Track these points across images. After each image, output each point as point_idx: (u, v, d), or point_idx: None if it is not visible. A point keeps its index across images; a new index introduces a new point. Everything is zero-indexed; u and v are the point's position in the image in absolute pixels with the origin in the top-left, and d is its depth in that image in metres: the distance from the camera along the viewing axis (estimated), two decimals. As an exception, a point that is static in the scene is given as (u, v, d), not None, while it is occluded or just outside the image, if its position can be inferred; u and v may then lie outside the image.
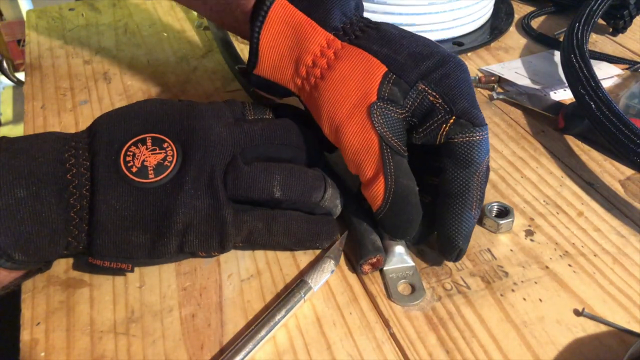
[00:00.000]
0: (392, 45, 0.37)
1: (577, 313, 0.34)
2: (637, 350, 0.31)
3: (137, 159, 0.35)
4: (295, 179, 0.36)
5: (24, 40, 0.70)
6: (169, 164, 0.35)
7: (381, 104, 0.35)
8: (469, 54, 0.62)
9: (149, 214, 0.34)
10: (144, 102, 0.39)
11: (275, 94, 0.42)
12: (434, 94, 0.35)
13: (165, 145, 0.36)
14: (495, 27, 0.68)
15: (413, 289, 0.35)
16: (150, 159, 0.35)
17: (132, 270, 0.35)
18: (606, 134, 0.43)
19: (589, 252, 0.38)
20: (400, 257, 0.36)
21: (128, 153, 0.35)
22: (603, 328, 0.33)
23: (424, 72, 0.36)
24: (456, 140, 0.35)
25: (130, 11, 0.72)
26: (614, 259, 0.38)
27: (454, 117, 0.35)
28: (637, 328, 0.33)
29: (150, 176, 0.34)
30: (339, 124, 0.36)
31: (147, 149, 0.35)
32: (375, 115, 0.35)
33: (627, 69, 0.58)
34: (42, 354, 0.32)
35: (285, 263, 0.38)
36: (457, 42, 0.64)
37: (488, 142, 0.35)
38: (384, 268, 0.36)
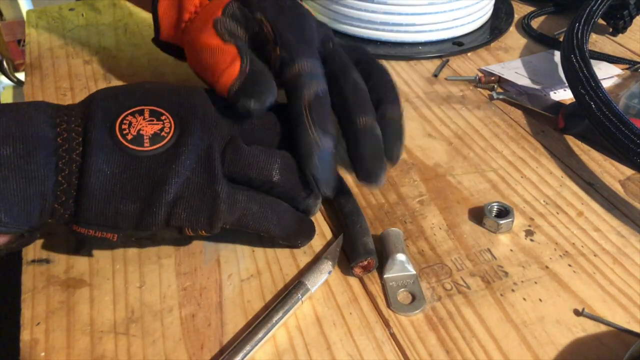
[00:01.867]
0: None
1: (577, 313, 0.34)
2: (637, 350, 0.31)
3: (134, 127, 0.34)
4: (293, 168, 0.37)
5: (24, 40, 0.70)
6: (165, 135, 0.34)
7: (224, 18, 0.40)
8: (469, 54, 0.62)
9: (140, 183, 0.33)
10: (142, 82, 0.39)
11: (179, 57, 0.48)
12: (268, 25, 0.40)
13: (163, 117, 0.35)
14: (495, 27, 0.68)
15: (413, 297, 0.35)
16: (147, 128, 0.34)
17: (117, 241, 0.34)
18: (606, 134, 0.43)
19: (589, 252, 0.38)
20: (401, 265, 0.36)
21: (124, 122, 0.34)
22: (603, 328, 0.33)
23: (263, 9, 0.40)
24: (283, 76, 0.38)
25: (130, 11, 0.72)
26: (614, 259, 0.38)
27: (278, 49, 0.38)
28: (637, 328, 0.33)
29: (146, 145, 0.34)
30: (196, 45, 0.41)
31: (144, 119, 0.34)
32: (218, 27, 0.40)
33: (627, 69, 0.58)
34: (42, 354, 0.32)
35: (285, 263, 0.38)
36: (457, 42, 0.64)
37: (311, 72, 0.37)
38: (385, 276, 0.36)
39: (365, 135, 0.37)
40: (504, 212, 0.40)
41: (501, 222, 0.39)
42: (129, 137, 0.34)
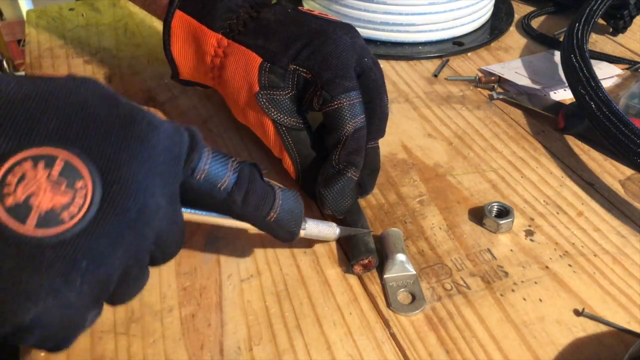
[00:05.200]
0: (266, 35, 0.41)
1: (577, 313, 0.34)
2: (637, 350, 0.31)
3: (24, 186, 0.21)
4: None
5: (24, 40, 0.70)
6: (67, 219, 0.22)
7: (264, 91, 0.40)
8: (469, 54, 0.62)
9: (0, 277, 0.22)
10: (78, 85, 0.24)
11: (205, 87, 0.48)
12: (305, 70, 0.39)
13: (80, 185, 0.22)
14: (495, 27, 0.68)
15: (413, 297, 0.35)
16: (44, 196, 0.22)
17: None
18: (606, 134, 0.43)
19: (589, 252, 0.38)
20: (401, 266, 0.36)
21: (14, 170, 0.21)
22: (603, 328, 0.33)
23: (293, 54, 0.40)
24: (323, 110, 0.39)
25: (130, 11, 0.72)
26: (614, 259, 0.38)
27: (319, 90, 0.39)
28: (637, 328, 0.33)
29: (29, 223, 0.21)
30: (244, 114, 0.42)
31: (48, 177, 0.22)
32: (262, 102, 0.40)
33: (627, 69, 0.58)
34: (42, 354, 0.32)
35: (285, 263, 0.38)
36: (457, 42, 0.64)
37: (350, 107, 0.39)
38: (385, 276, 0.36)
39: (374, 156, 0.42)
40: (504, 212, 0.40)
41: (501, 222, 0.39)
42: (9, 201, 0.21)
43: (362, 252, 0.36)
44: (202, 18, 0.42)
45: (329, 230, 0.36)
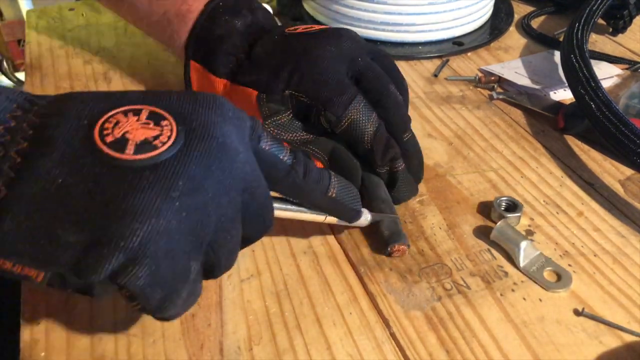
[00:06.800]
0: (258, 69, 0.42)
1: (577, 313, 0.34)
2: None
3: (119, 128, 0.25)
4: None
5: (24, 40, 0.70)
6: (160, 145, 0.25)
7: (268, 121, 0.40)
8: (469, 54, 0.62)
9: (100, 205, 0.23)
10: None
11: None
12: (301, 95, 0.39)
13: (165, 123, 0.26)
14: (495, 27, 0.68)
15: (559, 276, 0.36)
16: (136, 132, 0.25)
17: (42, 282, 0.24)
18: (606, 134, 0.43)
19: (589, 252, 0.38)
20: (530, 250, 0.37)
21: (110, 120, 0.25)
22: (603, 328, 0.33)
23: (285, 80, 0.40)
24: (337, 132, 0.39)
25: (130, 11, 0.72)
26: (614, 259, 0.38)
27: (323, 109, 0.39)
28: (637, 328, 0.33)
29: (128, 151, 0.24)
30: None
31: (137, 120, 0.26)
32: (271, 131, 0.40)
33: (627, 69, 0.58)
34: (42, 354, 0.32)
35: (285, 263, 0.38)
36: (457, 42, 0.64)
37: (359, 116, 0.39)
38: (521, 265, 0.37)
39: (414, 149, 0.41)
40: (512, 207, 0.40)
41: (508, 215, 0.39)
42: (109, 138, 0.25)
43: (402, 237, 0.37)
44: (207, 64, 0.44)
45: (364, 217, 0.37)
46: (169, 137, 0.25)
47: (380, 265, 0.37)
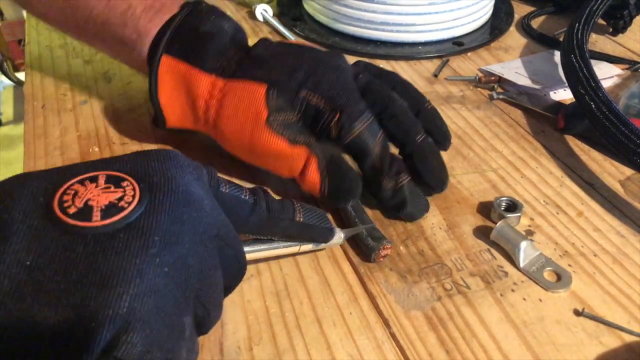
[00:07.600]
0: (264, 67, 0.41)
1: (577, 313, 0.34)
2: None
3: (79, 197, 0.24)
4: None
5: (24, 40, 0.70)
6: (126, 205, 0.24)
7: (274, 117, 0.39)
8: (469, 54, 0.62)
9: (77, 278, 0.22)
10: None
11: (193, 133, 0.44)
12: (318, 96, 0.39)
13: (125, 183, 0.25)
14: (495, 27, 0.68)
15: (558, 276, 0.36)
16: (99, 197, 0.24)
17: None
18: (606, 134, 0.43)
19: (589, 252, 0.38)
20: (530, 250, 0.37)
21: (68, 192, 0.25)
22: (603, 328, 0.33)
23: (300, 82, 0.40)
24: (344, 142, 0.39)
25: (131, 11, 0.72)
26: (614, 259, 0.38)
27: (338, 114, 0.39)
28: (637, 328, 0.33)
29: (95, 218, 0.23)
30: (250, 146, 0.40)
31: (96, 186, 0.25)
32: (274, 126, 0.39)
33: (627, 69, 0.58)
34: None
35: (285, 263, 0.38)
36: (457, 42, 0.64)
37: (368, 129, 0.39)
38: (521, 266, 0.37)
39: (430, 149, 0.41)
40: (512, 207, 0.40)
41: (508, 215, 0.39)
42: (71, 210, 0.24)
43: (380, 241, 0.37)
44: (192, 61, 0.41)
45: (337, 235, 0.37)
46: (133, 197, 0.25)
47: (380, 265, 0.37)
